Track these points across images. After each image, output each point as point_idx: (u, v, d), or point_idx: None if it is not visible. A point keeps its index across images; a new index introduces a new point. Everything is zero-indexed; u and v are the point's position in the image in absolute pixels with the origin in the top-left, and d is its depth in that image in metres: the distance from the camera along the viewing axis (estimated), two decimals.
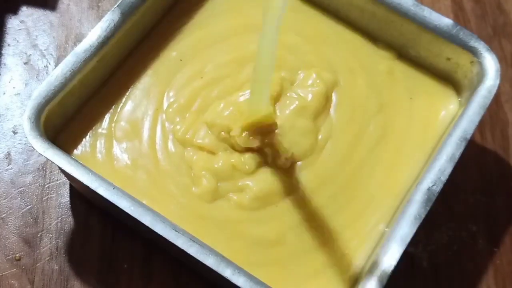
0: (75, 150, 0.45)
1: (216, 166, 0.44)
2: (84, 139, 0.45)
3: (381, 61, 0.50)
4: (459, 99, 0.48)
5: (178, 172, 0.45)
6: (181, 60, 0.49)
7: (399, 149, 0.47)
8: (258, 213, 0.44)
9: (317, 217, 0.44)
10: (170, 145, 0.46)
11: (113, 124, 0.46)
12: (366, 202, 0.45)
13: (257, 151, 0.45)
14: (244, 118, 0.44)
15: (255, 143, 0.44)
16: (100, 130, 0.46)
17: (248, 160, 0.44)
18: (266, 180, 0.44)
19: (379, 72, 0.49)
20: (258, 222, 0.44)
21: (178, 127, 0.46)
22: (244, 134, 0.44)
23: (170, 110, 0.47)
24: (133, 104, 0.47)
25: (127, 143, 0.46)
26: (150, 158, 0.45)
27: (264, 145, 0.45)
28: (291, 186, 0.45)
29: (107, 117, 0.46)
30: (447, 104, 0.48)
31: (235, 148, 0.45)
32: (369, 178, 0.46)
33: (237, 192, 0.44)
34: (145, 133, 0.46)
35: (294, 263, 0.43)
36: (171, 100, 0.47)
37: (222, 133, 0.45)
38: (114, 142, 0.46)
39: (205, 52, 0.49)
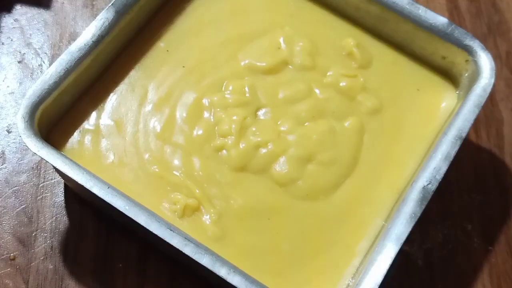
0: (67, 148, 0.45)
1: (195, 171, 0.44)
2: (74, 137, 0.45)
3: (385, 52, 0.50)
4: (457, 92, 0.48)
5: (161, 173, 0.44)
6: (167, 50, 0.48)
7: (407, 144, 0.46)
8: (249, 223, 0.43)
9: (317, 228, 0.44)
10: (152, 142, 0.45)
11: (100, 121, 0.46)
12: (372, 206, 0.44)
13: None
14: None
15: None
16: (89, 127, 0.46)
17: (226, 169, 0.44)
18: (252, 193, 0.44)
19: (385, 62, 0.49)
20: (250, 231, 0.43)
21: (157, 123, 0.46)
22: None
23: (151, 105, 0.46)
24: (119, 100, 0.47)
25: (113, 140, 0.45)
26: (134, 156, 0.45)
27: None
28: (284, 202, 0.44)
29: (95, 114, 0.46)
30: (446, 97, 0.48)
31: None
32: (377, 181, 0.45)
33: (222, 200, 0.43)
34: (129, 130, 0.46)
35: (290, 269, 0.42)
36: (153, 94, 0.47)
37: (194, 131, 0.45)
38: (101, 139, 0.45)
39: (191, 40, 0.49)
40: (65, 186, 0.48)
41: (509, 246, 0.48)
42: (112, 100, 0.47)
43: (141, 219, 0.39)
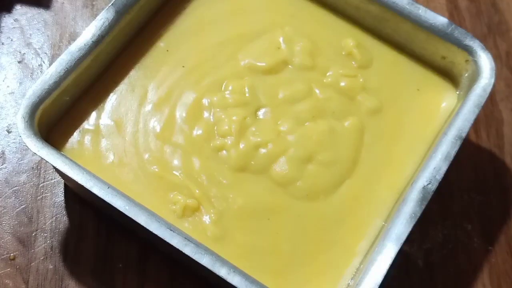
0: (67, 148, 0.45)
1: (194, 171, 0.44)
2: (74, 137, 0.45)
3: (385, 52, 0.50)
4: (457, 92, 0.48)
5: (160, 173, 0.44)
6: (167, 50, 0.48)
7: (407, 144, 0.46)
8: (249, 223, 0.43)
9: (317, 228, 0.44)
10: (152, 142, 0.45)
11: (100, 121, 0.46)
12: (372, 206, 0.44)
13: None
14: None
15: None
16: (89, 127, 0.46)
17: (225, 169, 0.44)
18: (252, 194, 0.44)
19: (385, 62, 0.49)
20: (250, 231, 0.43)
21: (156, 123, 0.46)
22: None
23: (151, 105, 0.46)
24: (119, 100, 0.47)
25: (113, 140, 0.45)
26: (134, 156, 0.45)
27: None
28: (283, 202, 0.44)
29: (95, 114, 0.46)
30: (446, 97, 0.48)
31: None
32: (377, 181, 0.45)
33: (222, 200, 0.43)
34: (129, 130, 0.46)
35: (290, 269, 0.42)
36: (153, 94, 0.47)
37: (194, 131, 0.45)
38: (101, 139, 0.45)
39: (191, 40, 0.49)
40: (65, 186, 0.48)
41: (509, 246, 0.48)
42: (112, 100, 0.47)
43: (141, 219, 0.39)
